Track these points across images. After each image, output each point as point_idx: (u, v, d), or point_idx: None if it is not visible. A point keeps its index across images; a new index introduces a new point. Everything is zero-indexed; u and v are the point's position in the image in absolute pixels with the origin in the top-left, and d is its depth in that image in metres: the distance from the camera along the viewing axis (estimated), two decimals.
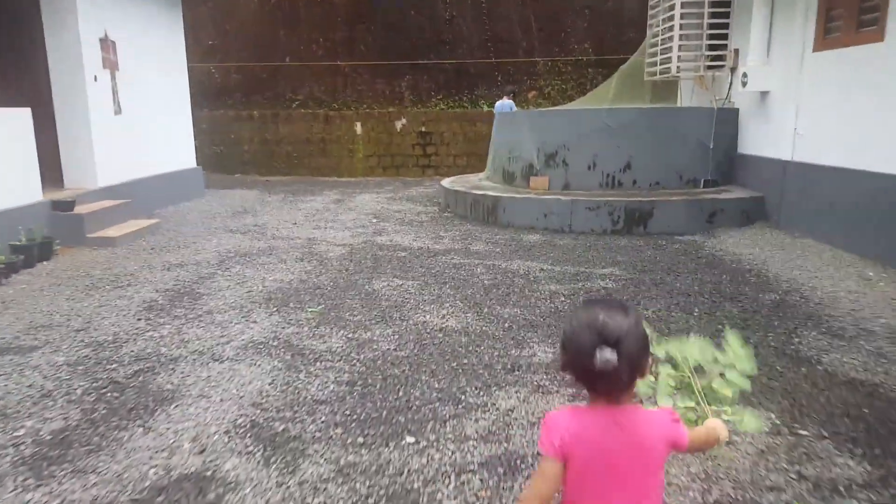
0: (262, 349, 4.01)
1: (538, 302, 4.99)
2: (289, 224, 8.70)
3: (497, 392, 3.34)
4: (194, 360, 3.87)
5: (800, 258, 6.12)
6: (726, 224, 7.60)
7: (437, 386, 3.39)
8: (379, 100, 16.08)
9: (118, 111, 8.83)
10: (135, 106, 9.20)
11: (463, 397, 3.26)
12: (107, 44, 8.68)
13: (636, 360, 1.37)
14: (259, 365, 3.74)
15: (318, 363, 3.75)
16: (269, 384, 3.46)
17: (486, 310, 4.81)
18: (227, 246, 7.24)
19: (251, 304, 5.04)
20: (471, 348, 3.95)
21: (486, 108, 15.57)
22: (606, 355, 1.32)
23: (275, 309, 4.92)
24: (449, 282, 5.65)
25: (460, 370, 3.62)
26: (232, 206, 10.39)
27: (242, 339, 4.21)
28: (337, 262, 6.47)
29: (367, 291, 5.40)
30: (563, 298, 5.07)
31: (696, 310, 4.63)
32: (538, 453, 1.67)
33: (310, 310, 4.90)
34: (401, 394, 3.30)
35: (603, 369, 1.33)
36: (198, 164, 11.65)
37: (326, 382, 3.46)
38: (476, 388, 3.36)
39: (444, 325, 4.43)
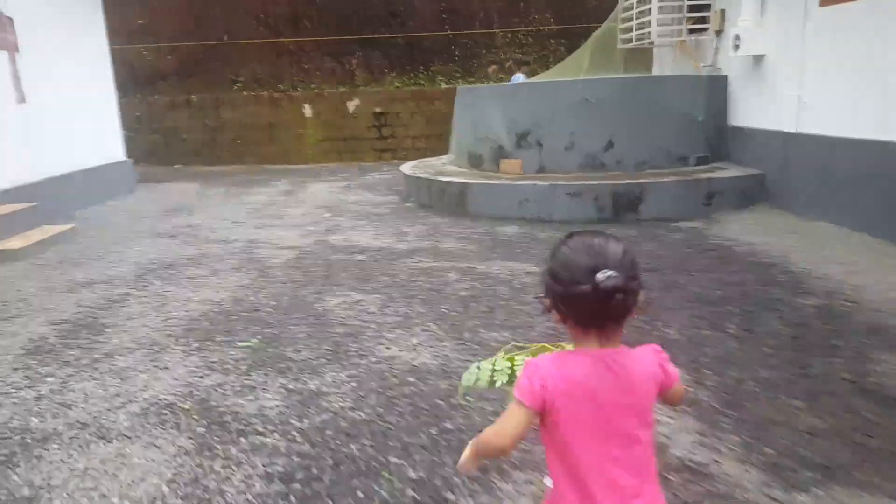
0: (167, 416, 2.94)
1: (531, 320, 4.02)
2: (228, 223, 7.54)
3: (498, 486, 2.35)
4: (72, 438, 2.79)
5: (823, 247, 5.29)
6: (726, 206, 6.74)
7: (411, 476, 2.38)
8: (329, 79, 14.83)
9: (21, 99, 7.48)
10: (43, 93, 7.85)
11: (451, 498, 2.26)
12: (1, 20, 7.33)
13: (635, 287, 1.26)
14: (159, 446, 2.67)
15: (242, 439, 2.70)
16: (169, 483, 2.41)
17: (467, 334, 3.82)
18: (151, 255, 6.07)
19: (165, 340, 3.94)
20: (453, 400, 2.96)
21: (443, 86, 14.48)
22: (611, 274, 1.21)
23: (195, 346, 3.84)
24: (418, 294, 4.64)
25: (442, 442, 2.62)
26: (165, 203, 9.14)
27: (144, 399, 3.14)
28: (282, 272, 5.40)
29: (316, 313, 4.35)
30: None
31: (731, 326, 3.72)
32: (513, 398, 1.32)
33: (241, 344, 3.84)
34: (360, 494, 2.29)
35: (607, 290, 1.21)
36: (127, 157, 10.31)
37: (251, 478, 2.42)
38: (468, 481, 2.36)
39: (415, 364, 3.43)
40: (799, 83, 6.52)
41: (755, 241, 5.57)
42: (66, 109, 8.31)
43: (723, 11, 8.00)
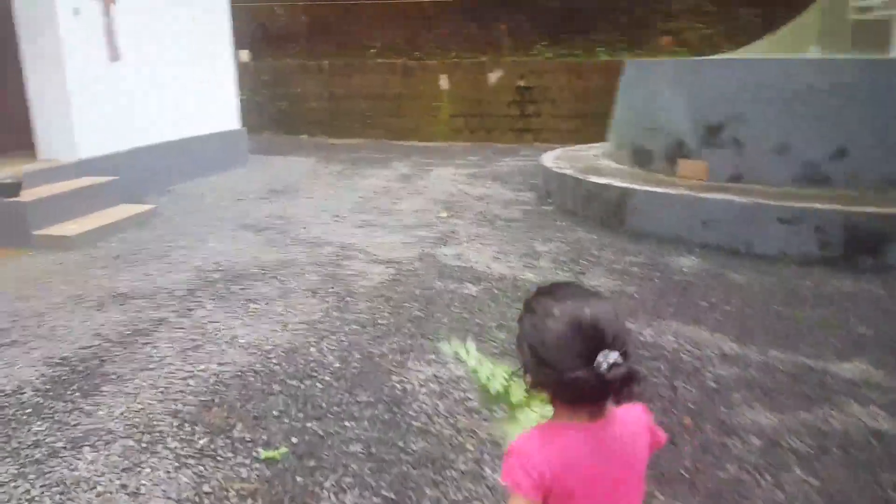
0: None
1: (749, 475, 2.28)
2: (327, 216, 6.26)
3: None
4: None
5: None
6: None
7: None
8: (469, 47, 13.25)
9: (115, 57, 6.61)
10: (143, 50, 6.96)
11: None
12: None
13: (632, 357, 1.12)
14: None
15: None
16: None
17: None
18: (222, 256, 4.90)
19: (164, 423, 2.64)
20: None
21: (603, 58, 12.42)
22: (615, 360, 1.07)
23: (199, 444, 2.50)
24: None
25: None
26: (272, 181, 8.09)
27: None
28: (366, 303, 3.98)
29: (392, 396, 2.87)
30: (805, 469, 2.35)
31: None
32: (506, 489, 1.15)
33: (263, 454, 2.45)
34: None
35: (612, 379, 1.07)
36: (246, 125, 9.40)
37: None
38: None
39: None
40: None
41: None
42: (168, 69, 7.39)
43: None
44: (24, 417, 2.71)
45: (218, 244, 5.23)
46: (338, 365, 3.19)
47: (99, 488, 2.27)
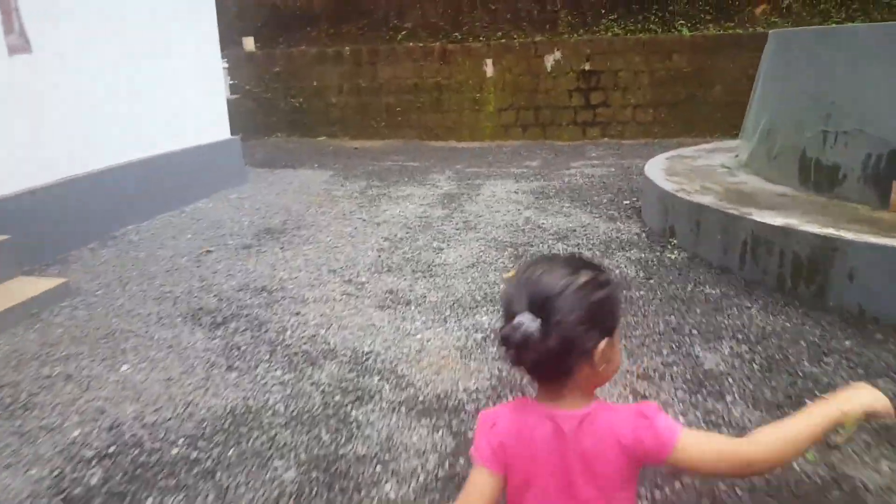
0: None
1: None
2: (336, 284, 4.05)
3: None
4: None
5: None
6: None
7: None
8: (521, 25, 10.87)
9: (20, 47, 4.48)
10: (69, 37, 4.83)
11: None
12: None
13: (572, 336, 0.99)
14: None
15: None
16: None
17: None
18: (126, 411, 2.72)
19: None
20: None
21: (686, 33, 9.93)
22: (522, 321, 0.98)
23: None
24: None
25: None
26: (266, 212, 5.93)
27: None
28: None
29: None
30: None
31: None
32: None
33: None
34: None
35: (516, 342, 0.98)
36: (240, 132, 7.24)
37: None
38: None
39: None
40: None
41: None
42: (113, 64, 5.24)
43: None
44: None
45: (133, 372, 3.00)
46: None
47: None
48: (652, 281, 3.96)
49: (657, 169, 5.36)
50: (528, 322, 0.97)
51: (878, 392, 1.07)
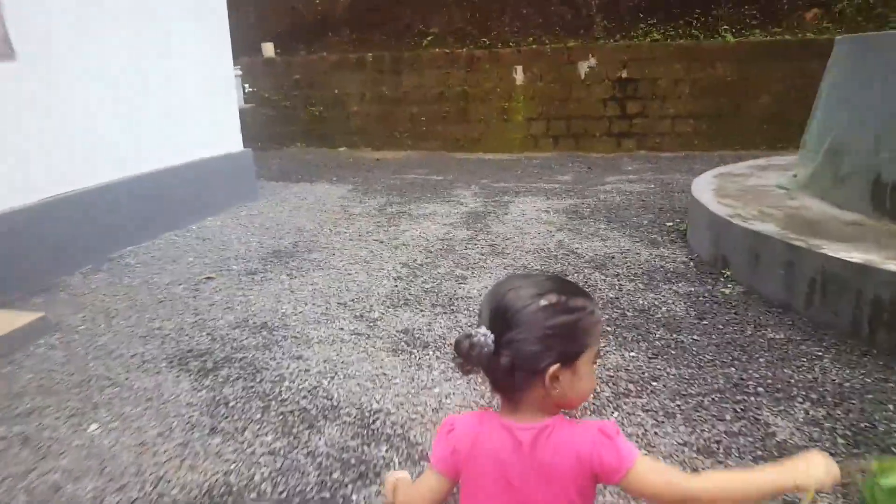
0: None
1: None
2: (346, 321, 3.60)
3: None
4: None
5: None
6: None
7: None
8: (553, 30, 10.38)
9: (2, 54, 4.12)
10: (60, 43, 4.48)
11: None
12: None
13: (520, 356, 1.01)
14: None
15: None
16: None
17: None
18: (92, 485, 2.28)
19: None
20: None
21: (730, 39, 9.34)
22: (476, 332, 1.01)
23: None
24: None
25: None
26: (276, 232, 5.52)
27: None
28: None
29: None
30: None
31: None
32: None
33: None
34: None
35: (463, 351, 1.01)
36: (245, 146, 6.80)
37: None
38: None
39: None
40: None
41: None
42: (104, 69, 4.87)
43: None
44: None
45: (102, 433, 2.53)
46: None
47: None
48: (705, 322, 3.44)
49: (706, 189, 4.83)
50: (480, 335, 1.00)
51: (832, 462, 1.08)
